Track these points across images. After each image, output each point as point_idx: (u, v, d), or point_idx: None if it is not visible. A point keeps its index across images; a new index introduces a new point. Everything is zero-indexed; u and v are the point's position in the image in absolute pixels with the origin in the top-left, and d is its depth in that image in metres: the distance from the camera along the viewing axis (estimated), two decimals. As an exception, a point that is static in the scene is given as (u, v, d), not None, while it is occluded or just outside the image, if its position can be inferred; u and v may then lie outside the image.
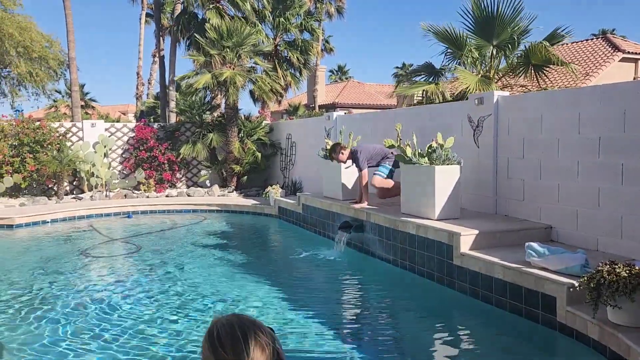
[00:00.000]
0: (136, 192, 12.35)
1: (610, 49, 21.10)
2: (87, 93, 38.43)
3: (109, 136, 12.77)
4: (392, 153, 7.14)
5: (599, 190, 5.03)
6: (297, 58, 16.80)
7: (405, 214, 6.27)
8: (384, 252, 6.48)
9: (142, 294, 5.44)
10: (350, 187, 7.93)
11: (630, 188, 4.74)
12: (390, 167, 7.21)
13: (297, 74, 17.37)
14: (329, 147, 8.22)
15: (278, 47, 16.92)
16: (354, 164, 7.40)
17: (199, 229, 9.33)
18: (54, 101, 33.19)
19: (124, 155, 12.98)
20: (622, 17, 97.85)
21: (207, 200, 11.51)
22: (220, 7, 14.88)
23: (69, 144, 12.27)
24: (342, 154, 7.45)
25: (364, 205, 7.12)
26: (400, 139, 6.72)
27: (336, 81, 44.41)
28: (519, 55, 8.31)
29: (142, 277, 6.15)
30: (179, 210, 11.05)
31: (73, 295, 5.41)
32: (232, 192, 12.39)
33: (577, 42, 22.81)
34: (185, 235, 8.68)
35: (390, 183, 7.21)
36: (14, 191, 11.51)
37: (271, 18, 16.28)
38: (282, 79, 16.30)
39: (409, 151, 6.22)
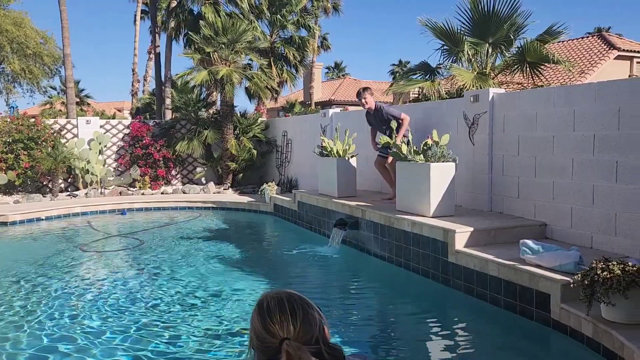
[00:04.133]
0: (131, 189, 12.31)
1: (605, 46, 21.16)
2: (82, 90, 38.26)
3: (104, 133, 12.71)
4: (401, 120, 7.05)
5: (594, 187, 5.04)
6: (294, 55, 16.77)
7: (401, 211, 6.27)
8: (379, 249, 6.48)
9: (136, 289, 5.42)
10: (345, 184, 7.91)
11: (624, 186, 4.75)
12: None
13: (294, 71, 17.35)
14: (324, 144, 8.22)
15: (274, 43, 16.88)
16: (385, 119, 7.09)
17: (194, 226, 9.31)
18: (49, 97, 33.03)
19: (119, 153, 12.93)
20: (618, 15, 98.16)
21: (203, 197, 11.48)
22: (216, 3, 14.82)
23: (63, 140, 12.21)
24: (372, 95, 7.40)
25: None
26: (396, 136, 6.71)
27: (333, 78, 44.33)
28: (514, 52, 8.31)
29: (136, 273, 6.13)
30: (174, 207, 11.03)
31: (69, 290, 5.40)
32: (228, 189, 12.37)
33: (572, 40, 22.86)
34: (180, 232, 8.65)
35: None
36: (8, 188, 11.46)
37: (267, 14, 16.23)
38: (278, 76, 16.26)
39: (404, 148, 6.22)
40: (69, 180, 12.38)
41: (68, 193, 11.81)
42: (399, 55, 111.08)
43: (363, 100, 7.37)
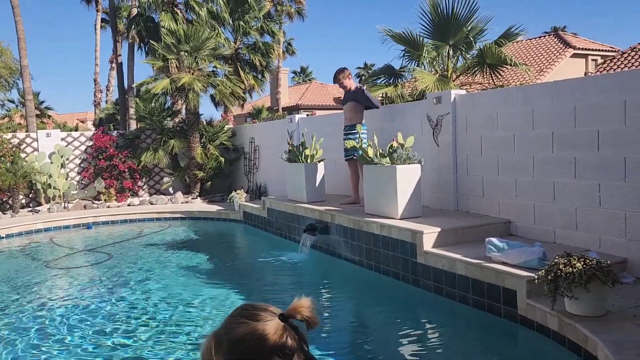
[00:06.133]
0: (96, 202, 12.02)
1: (562, 45, 21.81)
2: (42, 102, 37.18)
3: (66, 146, 12.38)
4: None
5: (554, 184, 5.17)
6: (259, 61, 16.69)
7: (369, 214, 6.30)
8: (350, 253, 6.50)
9: (106, 305, 5.28)
10: (314, 189, 7.92)
11: (582, 181, 4.89)
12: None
13: (260, 77, 17.27)
14: (291, 149, 8.20)
15: (239, 50, 16.78)
16: (359, 102, 7.07)
17: (163, 237, 9.14)
18: (7, 111, 32.04)
19: (82, 165, 12.61)
20: (573, 14, 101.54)
21: (171, 207, 11.30)
22: (177, 11, 14.65)
23: (23, 155, 11.83)
24: (349, 79, 7.24)
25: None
26: (362, 140, 6.76)
27: (299, 83, 44.40)
28: (474, 54, 8.50)
29: (105, 288, 5.97)
30: (142, 219, 10.81)
31: (36, 308, 5.22)
32: (196, 198, 12.21)
33: (530, 39, 23.49)
34: (148, 245, 8.48)
35: None
36: (-35, 206, 11.03)
37: (230, 21, 16.12)
38: (243, 82, 16.16)
39: (370, 152, 6.26)
40: (30, 196, 12.00)
41: (30, 209, 11.45)
42: (365, 58, 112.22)
43: (343, 84, 7.24)
